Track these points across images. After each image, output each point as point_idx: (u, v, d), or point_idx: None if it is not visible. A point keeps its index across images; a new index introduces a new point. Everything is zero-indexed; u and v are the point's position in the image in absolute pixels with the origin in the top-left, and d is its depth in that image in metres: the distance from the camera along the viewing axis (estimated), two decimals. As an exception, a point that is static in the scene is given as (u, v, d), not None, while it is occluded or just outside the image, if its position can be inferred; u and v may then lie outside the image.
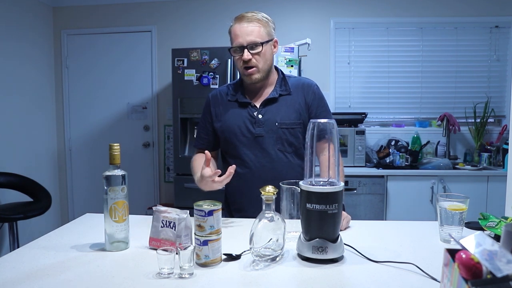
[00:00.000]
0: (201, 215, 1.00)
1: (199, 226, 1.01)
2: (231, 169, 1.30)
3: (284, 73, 1.62)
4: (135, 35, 3.79)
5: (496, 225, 1.16)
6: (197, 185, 1.43)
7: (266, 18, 1.50)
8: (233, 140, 1.55)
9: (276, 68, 1.61)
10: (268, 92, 1.56)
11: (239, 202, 1.58)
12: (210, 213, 1.00)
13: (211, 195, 1.30)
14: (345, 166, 2.06)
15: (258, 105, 1.55)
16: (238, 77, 1.62)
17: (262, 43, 1.45)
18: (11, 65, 3.35)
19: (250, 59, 1.45)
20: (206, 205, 1.02)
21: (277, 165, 1.51)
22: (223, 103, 1.59)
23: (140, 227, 1.29)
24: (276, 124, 1.52)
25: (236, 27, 1.46)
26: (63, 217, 3.95)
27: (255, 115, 1.53)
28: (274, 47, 1.54)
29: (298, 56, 2.98)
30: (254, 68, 1.47)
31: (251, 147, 1.53)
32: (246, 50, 1.44)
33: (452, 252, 0.68)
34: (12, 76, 3.36)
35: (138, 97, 3.82)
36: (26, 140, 3.53)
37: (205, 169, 1.34)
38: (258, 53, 1.46)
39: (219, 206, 1.03)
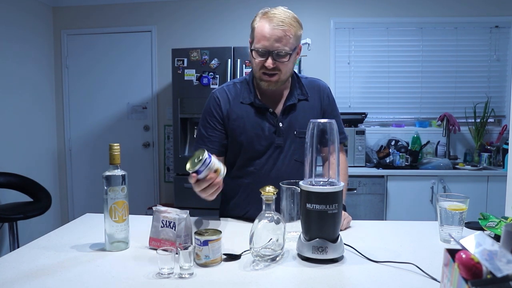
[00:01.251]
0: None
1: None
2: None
3: (297, 73, 1.52)
4: (135, 35, 3.79)
5: (496, 225, 1.16)
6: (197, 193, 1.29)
7: (297, 22, 1.34)
8: (247, 148, 1.42)
9: None
10: (284, 95, 1.44)
11: (243, 212, 1.47)
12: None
13: (212, 202, 1.25)
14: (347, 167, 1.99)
15: (277, 112, 1.42)
16: (248, 76, 1.48)
17: (290, 53, 1.30)
18: (11, 65, 3.35)
19: (274, 67, 1.31)
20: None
21: (293, 177, 1.37)
22: (234, 104, 1.42)
23: (140, 227, 1.29)
24: (295, 133, 1.42)
25: (265, 27, 1.29)
26: (63, 217, 3.95)
27: (276, 123, 1.41)
28: (298, 53, 1.39)
29: (298, 56, 2.97)
30: (275, 76, 1.34)
31: (268, 157, 1.42)
32: (270, 58, 1.30)
33: (452, 252, 0.68)
34: (12, 76, 3.36)
35: (138, 97, 3.82)
36: (26, 140, 3.53)
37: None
38: (283, 62, 1.31)
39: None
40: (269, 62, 1.30)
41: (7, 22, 3.31)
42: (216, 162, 1.14)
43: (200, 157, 1.10)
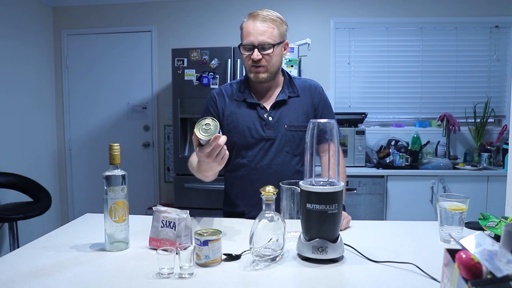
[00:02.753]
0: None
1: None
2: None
3: (290, 74, 1.61)
4: (135, 35, 3.79)
5: (496, 225, 1.16)
6: (196, 176, 1.35)
7: (280, 19, 1.47)
8: (240, 141, 1.52)
9: (282, 70, 1.59)
10: (275, 93, 1.55)
11: (242, 205, 1.55)
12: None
13: (212, 197, 1.29)
14: (345, 166, 2.04)
15: (268, 107, 1.52)
16: (243, 76, 1.59)
17: (273, 45, 1.43)
18: (11, 65, 3.35)
19: (259, 59, 1.43)
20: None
21: (284, 168, 1.50)
22: (229, 102, 1.55)
23: (140, 227, 1.29)
24: (285, 126, 1.51)
25: (249, 25, 1.43)
26: (63, 217, 3.95)
27: (266, 117, 1.51)
28: (285, 49, 1.52)
29: (298, 56, 2.98)
30: (262, 68, 1.45)
31: (259, 149, 1.51)
32: (256, 50, 1.42)
33: (452, 252, 0.68)
34: (12, 76, 3.36)
35: (138, 97, 3.82)
36: (26, 140, 3.53)
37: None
38: (268, 54, 1.43)
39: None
40: (255, 54, 1.42)
41: (7, 22, 3.31)
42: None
43: (208, 128, 1.13)
